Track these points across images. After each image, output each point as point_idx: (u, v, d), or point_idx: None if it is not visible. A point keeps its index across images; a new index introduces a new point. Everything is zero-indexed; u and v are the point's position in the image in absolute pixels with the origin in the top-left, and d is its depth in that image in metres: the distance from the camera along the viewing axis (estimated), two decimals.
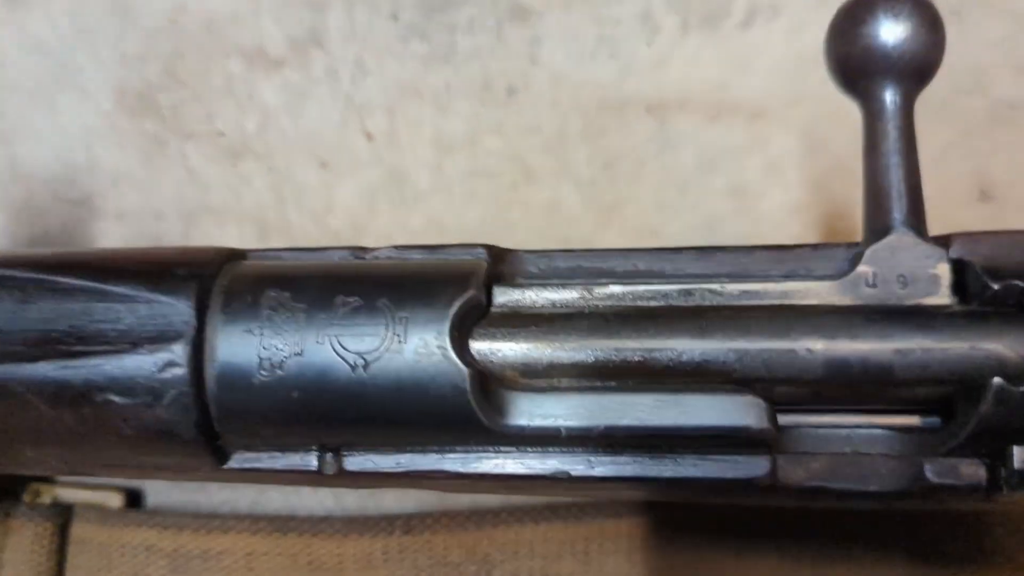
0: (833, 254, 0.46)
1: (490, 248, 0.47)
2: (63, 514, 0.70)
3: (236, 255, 0.48)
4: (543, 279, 0.47)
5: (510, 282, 0.46)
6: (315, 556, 0.67)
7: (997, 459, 0.42)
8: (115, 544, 0.68)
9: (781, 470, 0.43)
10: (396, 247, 0.48)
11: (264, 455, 0.47)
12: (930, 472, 0.42)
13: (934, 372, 0.41)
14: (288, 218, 0.75)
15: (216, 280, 0.45)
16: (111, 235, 0.76)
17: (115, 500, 0.70)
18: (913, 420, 0.44)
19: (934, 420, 0.44)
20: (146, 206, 0.76)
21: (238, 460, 0.47)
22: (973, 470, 0.42)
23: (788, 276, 0.45)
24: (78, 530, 0.69)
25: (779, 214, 0.72)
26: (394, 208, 0.74)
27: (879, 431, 0.44)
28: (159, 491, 0.72)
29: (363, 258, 0.48)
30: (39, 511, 0.69)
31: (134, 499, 0.71)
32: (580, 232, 0.73)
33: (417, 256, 0.48)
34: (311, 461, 0.46)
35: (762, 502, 0.49)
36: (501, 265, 0.47)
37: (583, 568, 0.64)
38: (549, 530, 0.64)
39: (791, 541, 0.62)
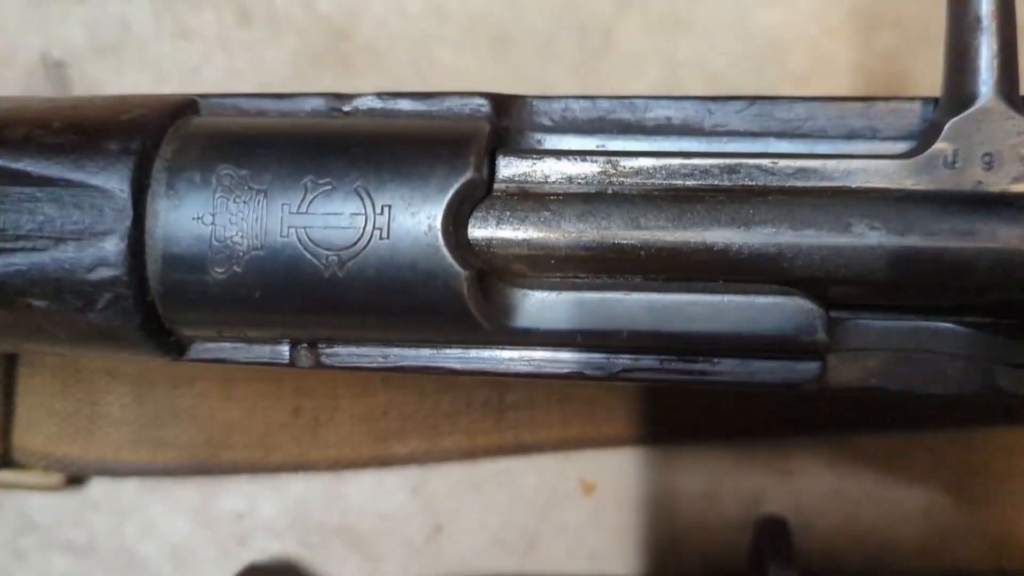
0: (904, 111, 0.38)
1: (493, 97, 0.39)
2: None
3: (183, 108, 0.39)
4: (559, 133, 0.39)
5: (517, 146, 0.38)
6: (303, 381, 0.61)
7: None
8: (69, 368, 0.62)
9: (832, 370, 0.38)
10: (380, 94, 0.40)
11: (227, 345, 0.40)
12: (1003, 380, 0.37)
13: (1021, 275, 0.34)
14: (272, 3, 0.65)
15: (157, 152, 0.36)
16: (73, 16, 0.66)
17: None
18: (988, 319, 0.38)
19: (1011, 321, 0.37)
20: None
21: (197, 351, 0.40)
22: None
23: (850, 136, 0.38)
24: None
25: (814, 3, 0.63)
26: None
27: (947, 326, 0.38)
28: None
29: (339, 110, 0.39)
30: None
31: None
32: (596, 19, 0.64)
33: (405, 106, 0.39)
34: (282, 353, 0.40)
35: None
36: (506, 118, 0.39)
37: (605, 389, 0.59)
38: None
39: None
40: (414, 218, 0.35)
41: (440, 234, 0.35)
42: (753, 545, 0.58)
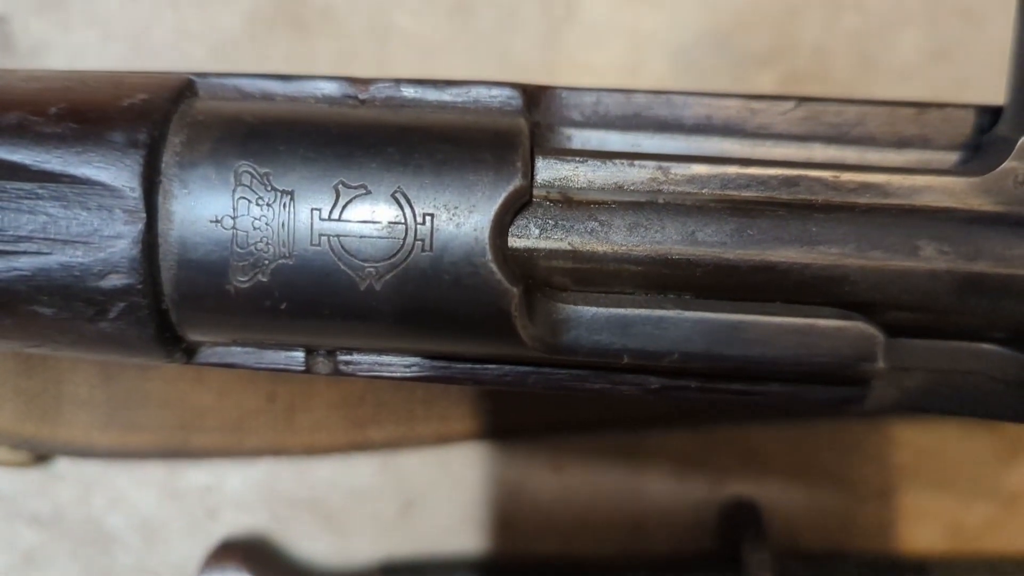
0: (958, 119, 0.36)
1: (523, 88, 0.36)
2: None
3: (183, 91, 0.35)
4: (592, 128, 0.36)
5: (554, 147, 0.36)
6: None
7: None
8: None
9: (874, 391, 0.36)
10: (397, 80, 0.36)
11: (238, 350, 0.37)
12: None
13: None
14: None
15: (166, 143, 0.33)
16: None
17: None
18: None
19: None
20: None
21: (207, 355, 0.37)
22: None
23: (900, 144, 0.36)
24: None
25: None
26: None
27: (991, 347, 0.36)
28: None
29: (355, 98, 0.36)
30: None
31: None
32: None
33: (429, 96, 0.36)
34: (298, 359, 0.37)
35: None
36: (536, 112, 0.36)
37: None
38: None
39: None
40: (459, 229, 0.32)
41: (488, 248, 0.32)
42: (723, 527, 0.59)
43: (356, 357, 0.36)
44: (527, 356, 0.35)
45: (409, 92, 0.36)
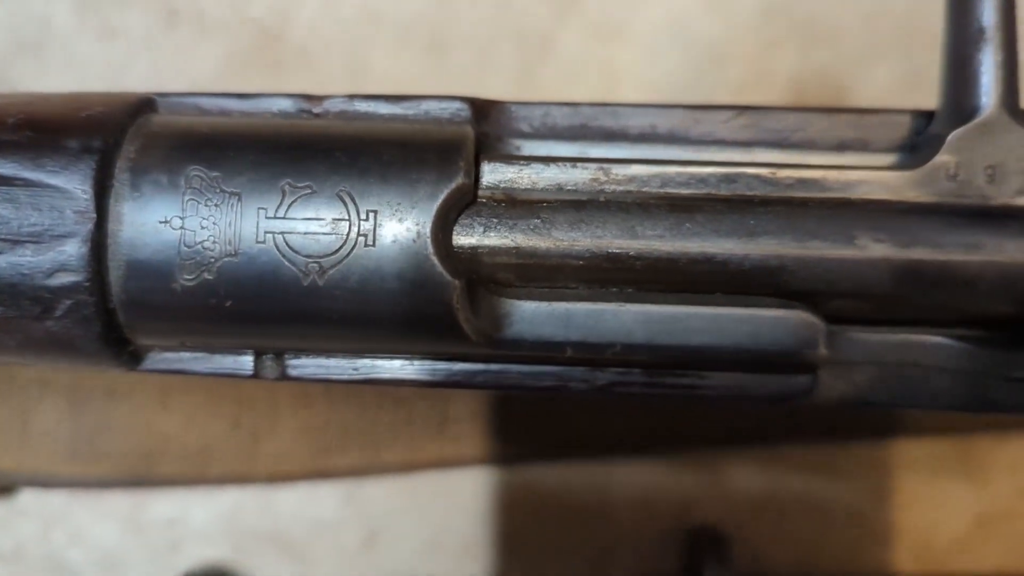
0: (896, 123, 0.37)
1: (471, 101, 0.37)
2: None
3: (142, 107, 0.36)
4: (539, 139, 0.37)
5: (500, 152, 0.37)
6: (242, 392, 0.59)
7: None
8: (2, 379, 0.58)
9: (822, 385, 0.36)
10: (351, 96, 0.37)
11: (186, 355, 0.37)
12: (996, 394, 0.36)
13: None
14: (200, 2, 0.62)
15: (119, 151, 0.34)
16: None
17: None
18: (981, 332, 0.37)
19: (1005, 336, 0.37)
20: None
21: (154, 361, 0.37)
22: None
23: (840, 148, 0.36)
24: None
25: (753, 16, 0.63)
26: None
27: (938, 339, 0.37)
28: None
29: (309, 112, 0.37)
30: None
31: None
32: (534, 27, 0.63)
33: (381, 110, 0.37)
34: (246, 364, 0.37)
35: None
36: (485, 124, 0.37)
37: (545, 402, 0.58)
38: None
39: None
40: (401, 224, 0.33)
41: (429, 241, 0.33)
42: (688, 552, 0.59)
43: (304, 360, 0.37)
44: (474, 353, 0.36)
45: (362, 107, 0.37)
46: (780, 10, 0.62)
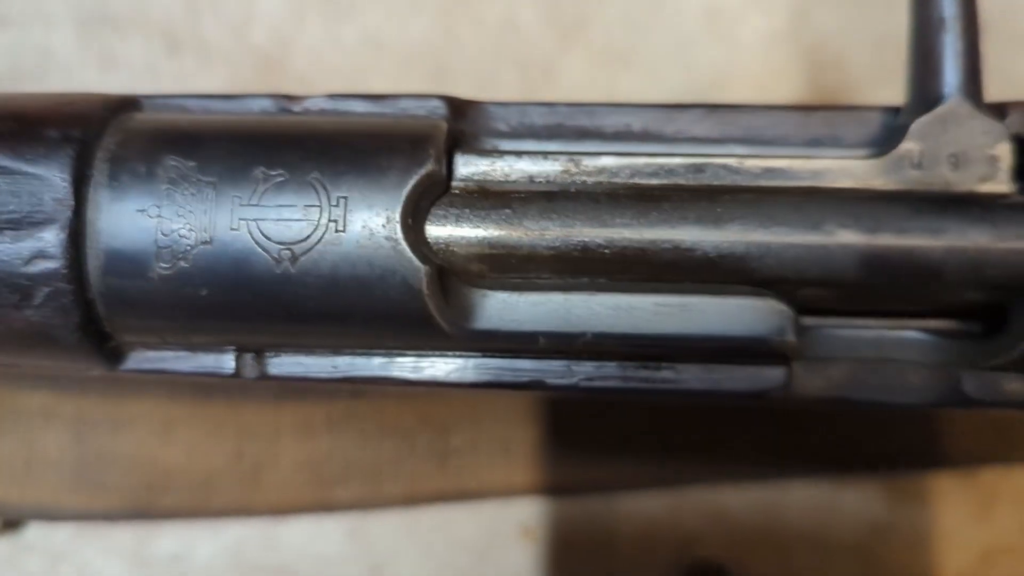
0: (866, 119, 0.38)
1: (449, 100, 0.38)
2: None
3: (126, 105, 0.37)
4: (516, 139, 0.38)
5: (475, 147, 0.37)
6: (245, 424, 0.59)
7: None
8: (5, 409, 0.59)
9: (797, 379, 0.36)
10: (331, 95, 0.38)
11: (168, 354, 0.38)
12: (968, 385, 0.36)
13: (990, 274, 0.34)
14: (202, 30, 0.63)
15: (100, 143, 0.35)
16: None
17: None
18: (951, 323, 0.37)
19: (974, 325, 0.37)
20: (34, 11, 0.63)
21: (136, 360, 0.38)
22: (1019, 387, 0.36)
23: (813, 144, 0.37)
24: None
25: (758, 42, 0.63)
26: (325, 21, 0.63)
27: (911, 333, 0.37)
28: None
29: (290, 110, 0.38)
30: None
31: None
32: (538, 54, 0.64)
33: (358, 107, 0.38)
34: (227, 363, 0.38)
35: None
36: (462, 122, 0.38)
37: (549, 435, 0.59)
38: (514, 393, 0.58)
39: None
40: (371, 210, 0.34)
41: (399, 227, 0.33)
42: None
43: (283, 358, 0.37)
44: (450, 347, 0.36)
45: (342, 105, 0.38)
46: (786, 36, 0.63)
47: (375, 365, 0.37)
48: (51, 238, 0.33)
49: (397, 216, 0.33)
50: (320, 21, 0.64)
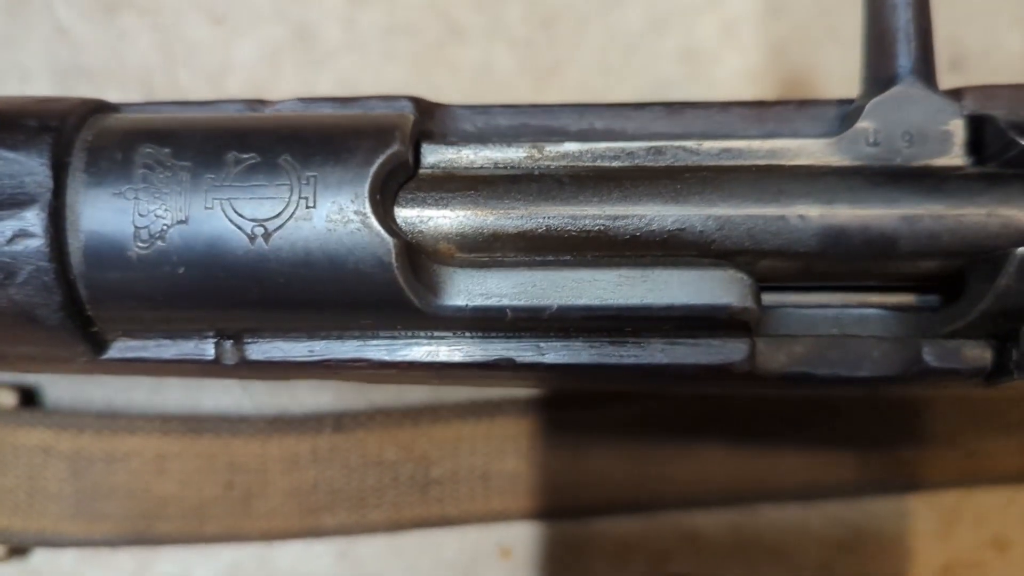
0: (822, 113, 0.39)
1: (417, 101, 0.39)
2: None
3: (104, 107, 0.39)
4: (481, 140, 0.39)
5: (442, 140, 0.39)
6: (235, 457, 0.61)
7: (1008, 340, 0.36)
8: (7, 446, 0.61)
9: (760, 355, 0.37)
10: (302, 99, 0.40)
11: (150, 343, 0.39)
12: (929, 355, 0.37)
13: (945, 243, 0.35)
14: (178, 80, 0.65)
15: (78, 134, 0.36)
16: None
17: (7, 398, 0.62)
18: (910, 298, 0.38)
19: (932, 298, 0.38)
20: (10, 64, 0.65)
21: (119, 349, 0.39)
22: (978, 353, 0.37)
23: (770, 136, 0.38)
24: None
25: (734, 80, 0.65)
26: (300, 69, 0.65)
27: (871, 311, 0.38)
28: (57, 388, 0.64)
29: (262, 112, 0.40)
30: None
31: (29, 397, 0.63)
32: (514, 100, 0.65)
33: (328, 109, 0.39)
34: (207, 349, 0.39)
35: (735, 391, 0.43)
36: (430, 122, 0.39)
37: (526, 465, 0.59)
38: (491, 427, 0.59)
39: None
40: (340, 187, 0.35)
41: (367, 202, 0.35)
42: None
43: (262, 344, 0.38)
44: (422, 327, 0.37)
45: (310, 108, 0.40)
46: (762, 74, 0.64)
47: (350, 348, 0.38)
48: (32, 217, 0.35)
49: (365, 192, 0.35)
50: (295, 70, 0.65)
